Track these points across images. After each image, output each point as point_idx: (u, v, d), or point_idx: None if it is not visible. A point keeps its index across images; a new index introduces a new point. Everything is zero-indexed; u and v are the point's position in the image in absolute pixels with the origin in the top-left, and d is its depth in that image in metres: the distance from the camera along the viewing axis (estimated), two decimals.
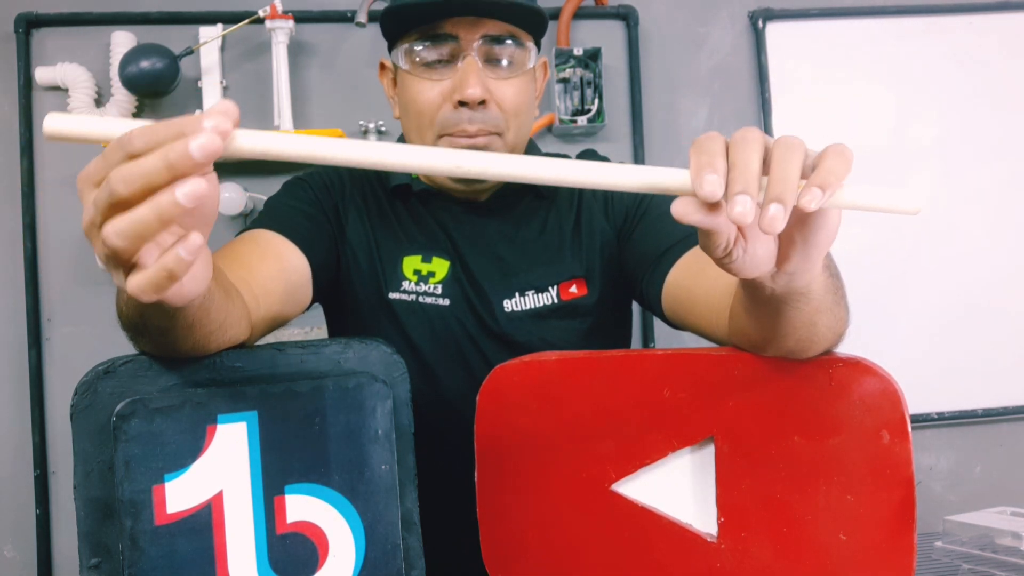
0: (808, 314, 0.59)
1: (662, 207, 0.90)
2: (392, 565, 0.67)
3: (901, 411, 0.61)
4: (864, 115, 2.19)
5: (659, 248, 0.86)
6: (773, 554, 0.64)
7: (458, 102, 0.84)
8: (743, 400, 0.65)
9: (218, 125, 0.43)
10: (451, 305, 0.92)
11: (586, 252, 0.94)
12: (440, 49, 0.85)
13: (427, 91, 0.86)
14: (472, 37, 0.84)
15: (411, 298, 0.92)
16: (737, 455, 0.65)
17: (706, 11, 2.21)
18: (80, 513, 0.63)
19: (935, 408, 2.17)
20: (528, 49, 0.88)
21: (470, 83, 0.83)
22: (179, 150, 0.42)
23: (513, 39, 0.86)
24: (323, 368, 0.68)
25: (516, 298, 0.92)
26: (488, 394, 0.72)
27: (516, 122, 0.88)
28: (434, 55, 0.85)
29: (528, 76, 0.90)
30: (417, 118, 0.87)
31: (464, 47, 0.84)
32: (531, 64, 0.89)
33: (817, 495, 0.63)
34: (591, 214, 0.96)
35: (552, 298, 0.92)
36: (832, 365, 0.64)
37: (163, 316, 0.57)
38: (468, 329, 0.92)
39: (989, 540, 1.41)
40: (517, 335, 0.92)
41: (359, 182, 0.97)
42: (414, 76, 0.87)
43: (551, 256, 0.94)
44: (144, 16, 2.02)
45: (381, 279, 0.93)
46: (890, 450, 0.61)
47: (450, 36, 0.84)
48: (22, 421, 1.97)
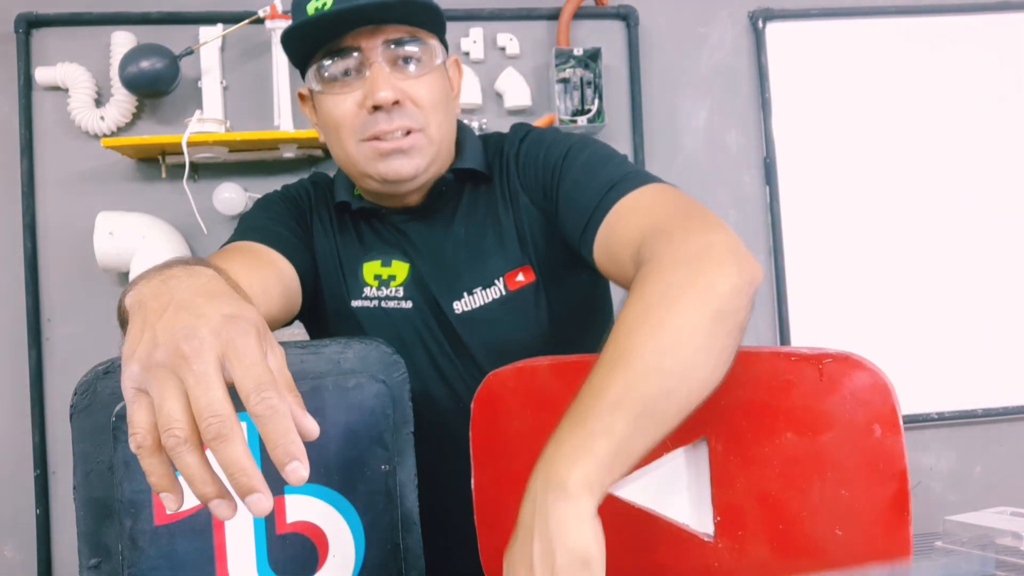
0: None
1: (574, 170, 0.87)
2: (392, 565, 0.67)
3: (892, 404, 0.61)
4: (864, 115, 2.19)
5: (583, 219, 0.82)
6: (770, 551, 0.64)
7: (372, 107, 0.84)
8: (734, 399, 0.65)
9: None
10: (414, 307, 0.91)
11: (524, 235, 0.91)
12: (346, 62, 0.85)
13: (342, 104, 0.86)
14: (374, 45, 0.84)
15: (373, 304, 0.92)
16: (731, 454, 0.65)
17: (706, 11, 2.21)
18: (80, 513, 0.64)
19: (935, 408, 2.17)
20: (432, 47, 0.88)
21: (380, 86, 0.83)
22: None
23: (415, 40, 0.86)
24: (323, 368, 0.69)
25: (465, 298, 0.90)
26: (482, 400, 0.72)
27: (436, 117, 0.88)
28: (341, 69, 0.85)
29: (438, 73, 0.89)
30: (336, 131, 0.87)
31: (369, 56, 0.84)
32: (439, 60, 0.89)
33: (811, 491, 0.63)
34: (518, 195, 0.92)
35: (500, 291, 0.90)
36: (822, 360, 0.64)
37: None
38: (432, 331, 0.92)
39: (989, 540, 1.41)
40: (472, 336, 0.90)
41: (321, 196, 0.98)
42: (327, 94, 0.87)
43: (494, 248, 0.92)
44: (144, 16, 2.02)
45: (343, 288, 0.93)
46: (882, 444, 0.61)
47: (352, 48, 0.84)
48: (22, 421, 1.97)
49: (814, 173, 2.18)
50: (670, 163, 2.16)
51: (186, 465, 0.45)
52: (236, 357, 0.46)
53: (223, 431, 0.44)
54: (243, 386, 0.46)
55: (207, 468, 0.46)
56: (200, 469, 0.45)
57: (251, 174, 2.04)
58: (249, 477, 0.44)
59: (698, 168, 2.18)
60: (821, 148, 2.18)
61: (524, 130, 0.96)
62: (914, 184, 2.19)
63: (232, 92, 2.05)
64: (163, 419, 0.45)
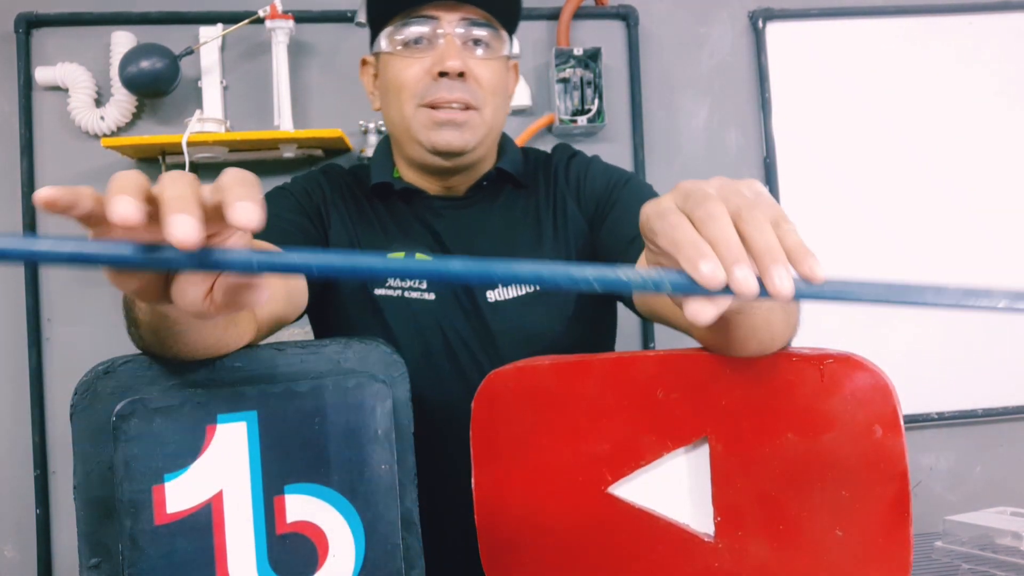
0: (762, 316, 0.60)
1: (631, 196, 0.93)
2: (392, 565, 0.67)
3: (893, 405, 0.61)
4: (864, 115, 2.19)
5: (627, 237, 0.87)
6: (770, 552, 0.64)
7: (439, 73, 0.88)
8: (736, 399, 0.65)
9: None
10: (436, 299, 0.93)
11: (564, 239, 0.96)
12: (422, 29, 0.89)
13: (409, 67, 0.90)
14: (452, 19, 0.89)
15: (396, 293, 0.93)
16: (731, 454, 0.65)
17: (706, 11, 2.21)
18: (80, 513, 0.63)
19: (935, 408, 2.17)
20: (503, 38, 0.93)
21: (451, 55, 0.88)
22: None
23: (489, 25, 0.91)
24: (323, 368, 0.68)
25: (499, 288, 0.93)
26: (483, 400, 0.72)
27: (493, 101, 0.92)
28: (416, 35, 0.90)
29: (502, 63, 0.94)
30: (398, 93, 0.91)
31: (444, 27, 0.89)
32: (505, 52, 0.93)
33: (812, 491, 0.63)
34: (565, 202, 0.97)
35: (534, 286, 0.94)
36: (823, 361, 0.64)
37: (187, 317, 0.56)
38: (453, 322, 0.93)
39: (989, 540, 1.42)
40: (501, 324, 0.93)
41: (338, 186, 0.99)
42: (396, 56, 0.91)
43: (532, 245, 0.95)
44: (144, 16, 2.02)
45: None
46: (883, 444, 0.61)
47: (431, 17, 0.89)
48: (22, 421, 1.97)
49: (814, 173, 2.18)
50: (670, 163, 2.16)
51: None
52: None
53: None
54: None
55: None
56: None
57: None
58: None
59: (698, 168, 2.18)
60: (821, 148, 2.18)
61: (572, 150, 1.03)
62: (914, 184, 2.19)
63: (232, 92, 2.06)
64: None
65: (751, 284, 0.42)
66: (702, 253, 0.42)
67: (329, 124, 2.02)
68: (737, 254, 0.42)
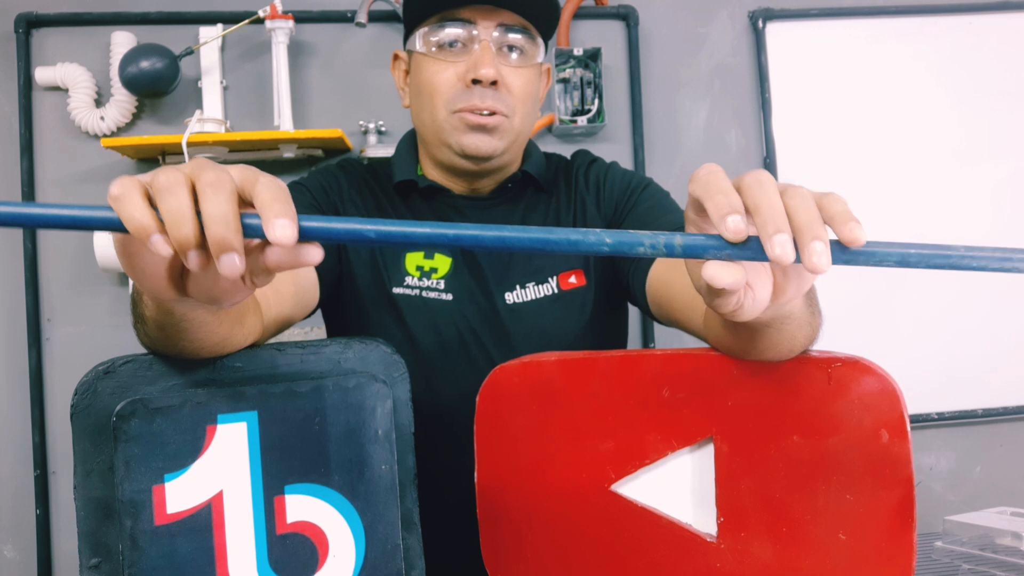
0: (790, 331, 0.60)
1: (650, 201, 0.94)
2: (392, 565, 0.67)
3: (900, 410, 0.61)
4: (864, 115, 2.19)
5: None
6: (773, 554, 0.64)
7: (472, 80, 0.88)
8: (742, 400, 0.65)
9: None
10: (454, 299, 0.93)
11: None
12: (457, 32, 0.89)
13: (442, 71, 0.90)
14: (489, 24, 0.89)
15: (415, 292, 0.94)
16: (736, 455, 0.65)
17: (706, 11, 2.21)
18: (80, 513, 0.63)
19: (935, 408, 2.17)
20: (538, 44, 0.93)
21: (485, 63, 0.87)
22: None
23: (525, 32, 0.91)
24: (323, 368, 0.68)
25: (517, 290, 0.94)
26: (487, 395, 0.72)
27: (523, 109, 0.92)
28: (451, 38, 0.89)
29: (536, 70, 0.94)
30: (431, 97, 0.91)
31: (480, 33, 0.89)
32: (539, 59, 0.93)
33: (816, 494, 0.63)
34: (585, 205, 0.98)
35: (552, 288, 0.95)
36: (831, 364, 0.64)
37: (196, 312, 0.56)
38: (471, 322, 0.93)
39: (989, 540, 1.41)
40: (518, 326, 0.93)
41: (356, 183, 0.99)
42: (431, 58, 0.91)
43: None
44: (144, 16, 2.02)
45: (384, 275, 0.94)
46: (889, 449, 0.61)
47: (468, 21, 0.89)
48: (22, 421, 1.97)
49: (814, 173, 2.18)
50: (670, 163, 2.16)
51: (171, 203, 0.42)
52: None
53: (218, 180, 0.42)
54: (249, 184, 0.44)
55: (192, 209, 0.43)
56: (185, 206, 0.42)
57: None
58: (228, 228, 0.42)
59: (698, 168, 2.17)
60: (821, 148, 2.18)
61: (592, 156, 1.04)
62: (914, 183, 2.19)
63: (232, 92, 2.05)
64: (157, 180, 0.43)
65: (780, 253, 0.43)
66: (732, 205, 0.44)
67: (329, 124, 2.02)
68: (778, 224, 0.43)
